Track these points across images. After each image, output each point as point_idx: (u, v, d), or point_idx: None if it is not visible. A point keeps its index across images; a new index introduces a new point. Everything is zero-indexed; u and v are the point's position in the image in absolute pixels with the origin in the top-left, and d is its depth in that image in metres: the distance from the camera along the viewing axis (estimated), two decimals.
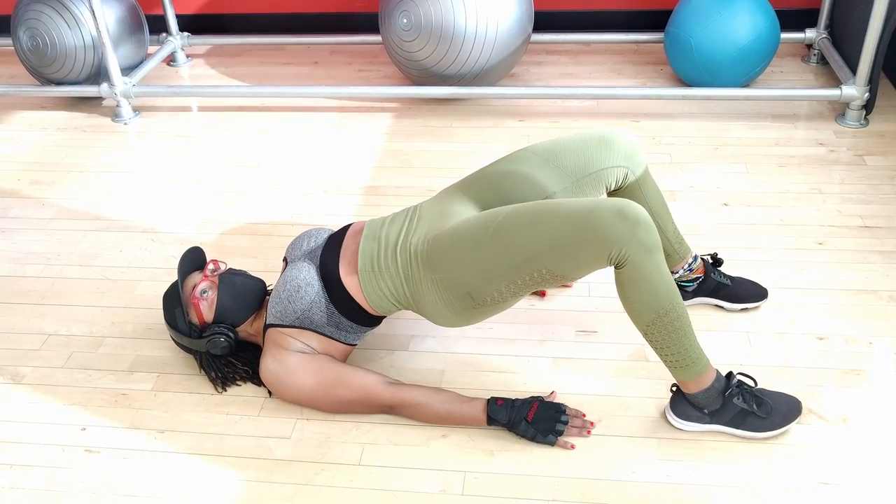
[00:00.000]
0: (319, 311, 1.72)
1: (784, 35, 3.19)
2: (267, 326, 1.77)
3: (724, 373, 1.70)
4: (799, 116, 2.86)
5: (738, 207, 2.38)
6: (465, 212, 1.74)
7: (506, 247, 1.57)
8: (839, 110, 2.85)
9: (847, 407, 1.72)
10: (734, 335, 1.92)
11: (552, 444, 1.65)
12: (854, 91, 2.71)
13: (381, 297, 1.72)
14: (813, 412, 1.71)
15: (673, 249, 1.89)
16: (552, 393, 1.76)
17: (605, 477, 1.60)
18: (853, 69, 2.77)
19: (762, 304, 1.98)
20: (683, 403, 1.66)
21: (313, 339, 1.74)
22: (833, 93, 2.75)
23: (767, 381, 1.79)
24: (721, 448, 1.65)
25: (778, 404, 1.65)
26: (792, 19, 3.34)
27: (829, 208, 2.36)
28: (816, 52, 3.21)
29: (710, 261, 1.99)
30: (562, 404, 1.70)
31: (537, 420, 1.65)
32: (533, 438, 1.66)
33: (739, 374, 1.67)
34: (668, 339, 1.57)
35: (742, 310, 1.97)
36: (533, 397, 1.69)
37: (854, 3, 2.89)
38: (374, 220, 1.81)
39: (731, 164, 2.60)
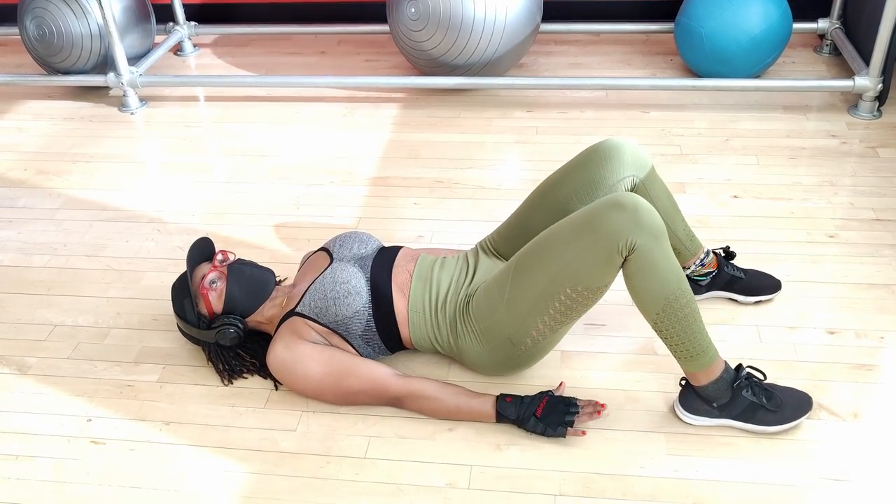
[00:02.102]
0: (359, 323, 1.73)
1: (796, 25, 3.15)
2: (293, 313, 1.76)
3: (734, 366, 1.69)
4: (811, 108, 2.83)
5: (748, 200, 2.36)
6: (497, 267, 1.81)
7: (526, 282, 1.61)
8: (852, 101, 2.82)
9: (858, 402, 1.70)
10: (744, 329, 1.90)
11: (563, 435, 1.64)
12: (867, 82, 2.68)
13: (425, 339, 1.76)
14: (823, 407, 1.70)
15: (683, 246, 1.88)
16: (561, 384, 1.74)
17: (613, 471, 1.59)
18: (866, 60, 2.73)
19: (775, 296, 1.96)
20: (693, 397, 1.65)
21: (336, 341, 1.75)
22: (846, 84, 2.71)
23: (777, 376, 1.77)
24: (730, 443, 1.63)
25: (788, 398, 1.64)
26: (804, 9, 3.30)
27: (841, 201, 2.33)
28: (829, 42, 3.17)
29: (723, 254, 1.97)
30: (572, 398, 1.68)
31: (546, 414, 1.64)
32: (543, 433, 1.64)
33: (748, 367, 1.66)
34: (677, 327, 1.55)
35: (756, 302, 1.95)
36: (542, 393, 1.68)
37: None
38: (425, 255, 1.83)
39: (742, 155, 2.58)
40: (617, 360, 1.84)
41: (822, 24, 3.15)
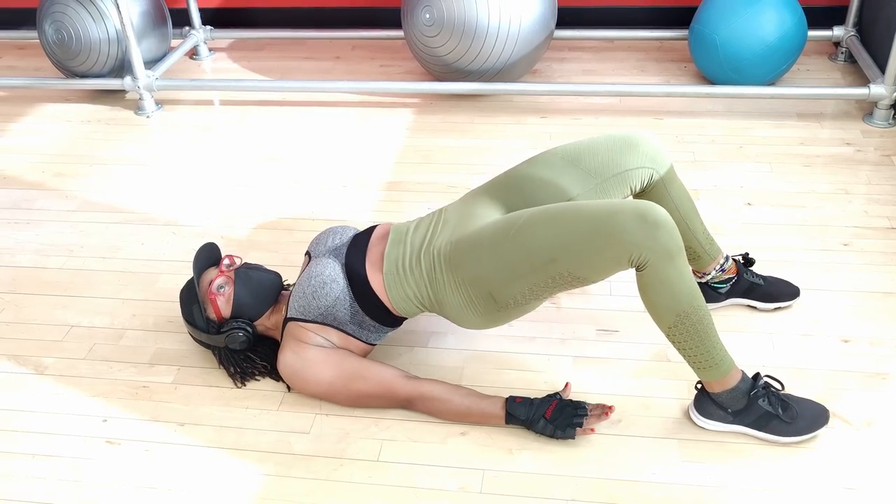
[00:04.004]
0: (343, 309, 1.72)
1: (811, 32, 3.15)
2: (287, 320, 1.77)
3: (750, 374, 1.68)
4: (825, 115, 2.82)
5: (762, 207, 2.36)
6: (489, 215, 1.74)
7: (526, 249, 1.57)
8: (867, 109, 2.81)
9: (872, 411, 1.70)
10: (757, 336, 1.90)
11: (572, 437, 1.64)
12: (883, 90, 2.67)
13: (405, 300, 1.72)
14: (837, 416, 1.69)
15: (703, 250, 1.87)
16: (566, 385, 1.73)
17: (625, 477, 1.59)
18: (882, 68, 2.73)
19: (793, 303, 1.96)
20: (707, 402, 1.65)
21: (334, 336, 1.74)
22: (861, 91, 2.71)
23: (790, 383, 1.76)
24: (743, 450, 1.63)
25: (804, 410, 1.63)
26: (819, 17, 3.29)
27: (856, 209, 2.33)
28: (844, 50, 3.16)
29: (742, 261, 1.96)
30: (581, 401, 1.68)
31: (556, 417, 1.64)
32: (552, 435, 1.64)
33: (767, 376, 1.65)
34: (689, 340, 1.55)
35: (775, 309, 1.95)
36: (551, 395, 1.68)
37: (884, 0, 2.84)
38: (400, 224, 1.81)
39: (756, 163, 2.57)
40: (630, 366, 1.84)
41: (838, 31, 3.15)
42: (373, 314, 1.74)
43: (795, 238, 2.22)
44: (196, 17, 3.50)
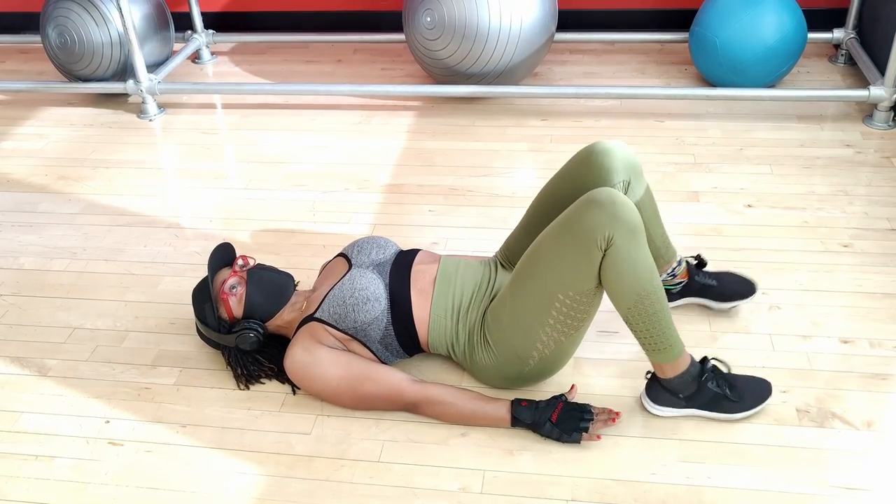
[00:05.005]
0: (377, 329, 1.74)
1: (811, 35, 3.15)
2: (311, 318, 1.77)
3: (698, 358, 1.71)
4: (825, 117, 2.83)
5: (762, 209, 2.36)
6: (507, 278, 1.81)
7: (523, 295, 1.63)
8: (867, 111, 2.81)
9: (872, 411, 1.70)
10: (757, 337, 1.90)
11: (578, 441, 1.65)
12: (882, 92, 2.67)
13: (442, 345, 1.78)
14: (837, 416, 1.69)
15: (658, 254, 1.88)
16: (572, 387, 1.74)
17: (625, 477, 1.60)
18: (882, 70, 2.73)
19: (751, 300, 1.95)
20: (659, 389, 1.68)
21: (356, 347, 1.76)
22: (861, 94, 2.71)
23: (790, 385, 1.77)
24: (743, 450, 1.63)
25: (749, 386, 1.69)
26: (819, 19, 3.30)
27: (856, 210, 2.33)
28: (844, 52, 3.17)
29: (695, 262, 1.97)
30: (587, 404, 1.68)
31: (562, 420, 1.64)
32: (558, 439, 1.65)
33: (713, 359, 1.70)
34: (647, 322, 1.58)
35: (731, 308, 1.96)
36: (556, 398, 1.68)
37: (883, 2, 2.85)
38: (448, 257, 1.85)
39: (756, 165, 2.58)
40: (629, 366, 1.85)
41: (838, 33, 3.15)
42: (403, 342, 1.77)
43: (796, 240, 2.22)
44: (198, 20, 3.51)
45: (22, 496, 1.64)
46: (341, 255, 1.90)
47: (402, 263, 1.81)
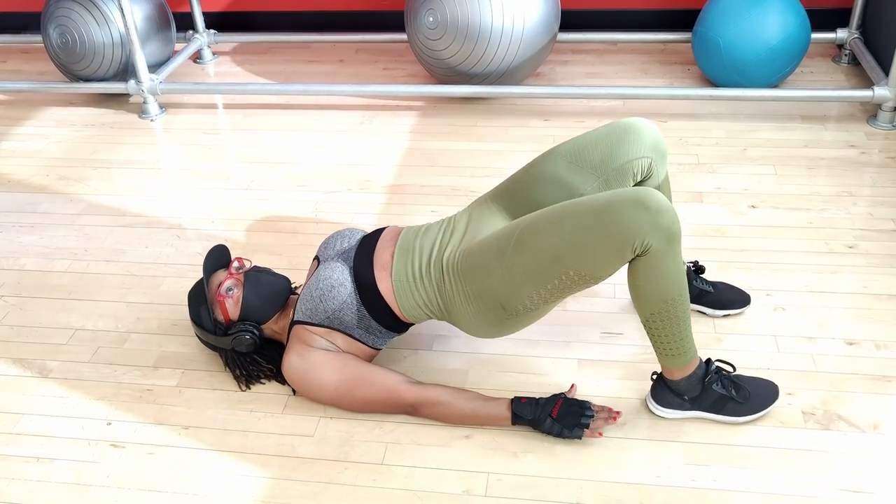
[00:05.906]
0: (350, 313, 1.72)
1: (815, 35, 3.14)
2: (294, 323, 1.77)
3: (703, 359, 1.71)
4: (829, 118, 2.82)
5: (766, 210, 2.35)
6: (496, 223, 1.75)
7: (530, 253, 1.57)
8: (871, 112, 2.80)
9: (878, 414, 1.69)
10: (762, 339, 1.89)
11: (579, 437, 1.64)
12: (887, 92, 2.66)
13: (414, 307, 1.73)
14: (843, 419, 1.69)
15: None
16: (572, 386, 1.73)
17: (629, 480, 1.59)
18: (886, 70, 2.72)
19: (744, 310, 1.96)
20: (664, 391, 1.67)
21: (340, 340, 1.74)
22: (865, 94, 2.70)
23: (796, 387, 1.76)
24: (748, 453, 1.62)
25: (756, 389, 1.67)
26: (823, 19, 3.29)
27: (860, 211, 2.32)
28: (848, 52, 3.16)
29: (693, 268, 1.97)
30: (586, 401, 1.68)
31: (562, 416, 1.64)
32: (559, 434, 1.64)
33: (718, 360, 1.68)
34: (668, 328, 1.57)
35: (724, 316, 1.95)
36: (556, 395, 1.68)
37: (887, 2, 2.84)
38: (408, 228, 1.81)
39: (760, 165, 2.57)
40: (634, 368, 1.84)
41: (841, 33, 3.14)
42: (380, 319, 1.74)
43: (800, 241, 2.22)
44: (200, 20, 3.50)
45: (23, 498, 1.63)
46: (315, 257, 1.90)
47: (367, 247, 1.79)
